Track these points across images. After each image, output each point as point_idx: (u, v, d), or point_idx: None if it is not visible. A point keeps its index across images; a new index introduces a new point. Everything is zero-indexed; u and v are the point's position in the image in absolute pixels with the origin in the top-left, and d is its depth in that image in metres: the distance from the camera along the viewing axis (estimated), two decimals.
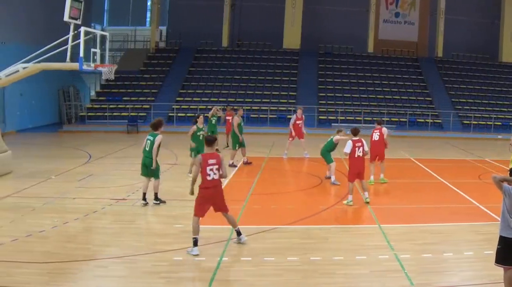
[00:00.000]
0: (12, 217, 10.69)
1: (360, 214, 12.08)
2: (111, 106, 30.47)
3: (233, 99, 29.94)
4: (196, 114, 17.94)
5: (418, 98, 32.90)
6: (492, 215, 11.23)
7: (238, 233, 9.28)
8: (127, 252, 8.75)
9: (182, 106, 30.82)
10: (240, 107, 19.63)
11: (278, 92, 32.58)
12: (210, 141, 9.11)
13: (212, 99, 30.42)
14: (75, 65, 15.61)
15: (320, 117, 30.66)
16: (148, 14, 41.29)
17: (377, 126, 15.17)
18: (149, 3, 40.91)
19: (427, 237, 10.01)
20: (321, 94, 32.70)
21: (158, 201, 12.07)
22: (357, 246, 9.40)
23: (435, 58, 36.55)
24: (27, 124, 28.40)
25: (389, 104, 31.71)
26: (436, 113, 31.55)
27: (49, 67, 16.25)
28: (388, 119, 29.14)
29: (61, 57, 15.90)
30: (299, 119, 19.90)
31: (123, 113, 30.08)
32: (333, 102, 31.87)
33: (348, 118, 29.91)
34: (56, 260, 8.24)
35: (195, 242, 8.73)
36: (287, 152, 19.88)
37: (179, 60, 35.13)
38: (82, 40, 15.40)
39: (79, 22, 15.83)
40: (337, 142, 14.94)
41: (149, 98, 31.36)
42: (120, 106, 30.65)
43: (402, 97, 32.76)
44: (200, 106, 29.71)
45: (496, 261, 6.85)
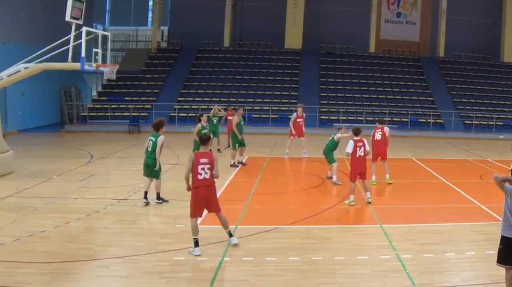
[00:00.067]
0: (14, 217, 10.70)
1: (362, 214, 12.06)
2: (113, 106, 30.51)
3: (235, 99, 29.93)
4: (199, 114, 17.97)
5: (420, 98, 32.87)
6: (494, 215, 11.20)
7: (230, 234, 9.17)
8: (129, 252, 8.76)
9: (184, 106, 30.84)
10: (240, 107, 19.53)
11: (280, 92, 32.56)
12: (204, 140, 9.03)
13: (214, 99, 30.38)
14: (77, 65, 15.61)
15: (322, 117, 30.63)
16: (150, 14, 41.31)
17: (379, 126, 15.13)
18: (151, 3, 40.93)
19: (429, 237, 10.00)
20: (323, 94, 32.69)
21: (161, 200, 12.08)
22: (359, 246, 9.40)
23: (437, 58, 36.51)
24: (29, 124, 28.43)
25: (391, 104, 31.68)
26: (438, 113, 31.52)
27: (51, 67, 16.25)
28: (390, 119, 29.10)
29: (63, 57, 15.90)
30: (300, 118, 19.79)
31: (125, 113, 30.09)
32: (335, 102, 31.86)
33: (350, 118, 29.85)
34: (58, 260, 8.25)
35: (196, 242, 8.73)
36: (288, 151, 19.83)
37: (181, 60, 35.15)
38: (84, 40, 15.40)
39: (81, 22, 15.82)
40: (339, 141, 14.92)
41: (151, 98, 31.38)
42: (122, 106, 30.67)
43: (404, 97, 32.75)
44: (202, 106, 29.69)
45: (498, 261, 6.86)
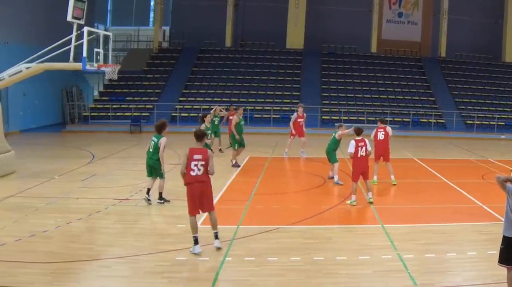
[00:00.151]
0: (16, 217, 10.71)
1: (363, 214, 12.05)
2: (114, 106, 30.51)
3: (236, 99, 29.93)
4: (202, 114, 17.67)
5: (421, 98, 32.83)
6: (496, 215, 11.20)
7: (215, 236, 8.94)
8: (130, 252, 8.76)
9: (185, 107, 30.84)
10: (240, 107, 19.46)
11: (281, 92, 32.54)
12: (199, 136, 8.91)
13: (215, 99, 30.38)
14: (78, 65, 15.63)
15: (323, 117, 30.60)
16: (151, 14, 41.35)
17: (381, 125, 14.97)
18: (152, 3, 40.96)
19: (430, 237, 9.99)
20: (324, 94, 32.67)
21: (162, 200, 12.09)
22: (360, 246, 9.39)
23: (438, 58, 36.46)
24: (30, 125, 28.45)
25: (392, 104, 31.65)
26: (439, 113, 31.48)
27: (52, 67, 16.28)
28: (391, 119, 29.10)
29: (64, 57, 15.91)
30: (300, 118, 19.73)
31: (126, 113, 30.09)
32: (336, 102, 31.82)
33: (351, 118, 29.81)
34: (60, 260, 8.25)
35: (196, 240, 8.70)
36: (288, 150, 19.82)
37: (182, 60, 35.15)
38: (85, 40, 15.41)
39: (82, 22, 15.84)
40: (340, 138, 14.89)
41: (152, 99, 31.38)
42: (123, 106, 30.67)
43: (405, 97, 32.71)
44: (204, 106, 29.65)
45: (499, 261, 6.86)
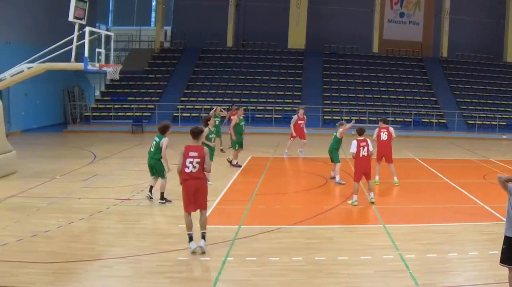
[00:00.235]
0: (17, 217, 10.72)
1: (365, 214, 12.04)
2: (116, 106, 30.51)
3: (238, 99, 29.90)
4: (204, 116, 17.04)
5: (423, 98, 32.80)
6: (497, 215, 11.19)
7: (202, 236, 8.82)
8: (132, 252, 8.76)
9: (187, 106, 30.84)
10: (240, 107, 19.42)
11: (283, 92, 32.55)
12: (195, 134, 8.87)
13: (217, 99, 30.38)
14: (80, 65, 15.65)
15: (325, 117, 30.58)
16: (153, 14, 41.41)
17: (383, 125, 14.89)
18: (154, 3, 41.01)
19: (432, 237, 9.98)
20: (326, 94, 32.65)
21: (164, 200, 12.10)
22: (362, 246, 9.38)
23: (440, 58, 36.44)
24: (32, 124, 28.47)
25: (394, 104, 31.62)
26: (441, 113, 31.45)
27: (54, 67, 16.30)
28: (393, 119, 29.06)
29: (66, 57, 15.94)
30: (301, 120, 19.71)
31: (128, 113, 30.09)
32: (338, 102, 31.78)
33: (353, 118, 29.51)
34: (61, 260, 8.25)
35: (190, 237, 8.68)
36: (288, 151, 19.84)
37: (184, 60, 35.15)
38: (87, 40, 15.44)
39: (84, 22, 15.86)
40: (341, 136, 14.88)
41: (154, 98, 31.39)
42: (125, 106, 30.67)
43: (407, 97, 32.67)
44: (205, 106, 29.67)
45: (501, 261, 6.86)
